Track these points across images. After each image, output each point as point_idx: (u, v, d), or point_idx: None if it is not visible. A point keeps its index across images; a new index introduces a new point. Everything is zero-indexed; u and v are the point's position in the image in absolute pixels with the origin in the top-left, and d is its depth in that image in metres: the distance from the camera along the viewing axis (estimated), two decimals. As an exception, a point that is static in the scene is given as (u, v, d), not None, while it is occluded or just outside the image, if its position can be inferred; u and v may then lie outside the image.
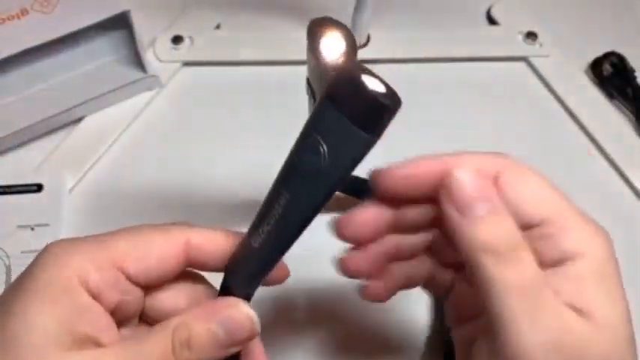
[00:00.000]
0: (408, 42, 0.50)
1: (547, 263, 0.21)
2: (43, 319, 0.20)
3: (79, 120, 0.45)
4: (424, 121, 0.46)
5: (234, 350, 0.22)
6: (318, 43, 0.24)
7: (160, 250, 0.22)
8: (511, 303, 0.20)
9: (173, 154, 0.45)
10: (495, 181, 0.22)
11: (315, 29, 0.25)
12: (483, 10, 0.53)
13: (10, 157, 0.44)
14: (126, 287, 0.22)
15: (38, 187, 0.41)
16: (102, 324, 0.21)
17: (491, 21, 0.52)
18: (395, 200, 0.24)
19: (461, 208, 0.21)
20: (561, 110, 0.48)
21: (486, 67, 0.49)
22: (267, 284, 0.24)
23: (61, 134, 0.45)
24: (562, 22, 0.52)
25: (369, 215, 0.24)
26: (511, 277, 0.20)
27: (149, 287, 0.23)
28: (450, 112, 0.47)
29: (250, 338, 0.22)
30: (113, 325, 0.22)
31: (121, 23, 0.42)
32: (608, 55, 0.49)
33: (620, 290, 0.22)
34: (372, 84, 0.20)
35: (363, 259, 0.25)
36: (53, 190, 0.41)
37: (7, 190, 0.41)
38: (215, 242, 0.23)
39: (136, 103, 0.46)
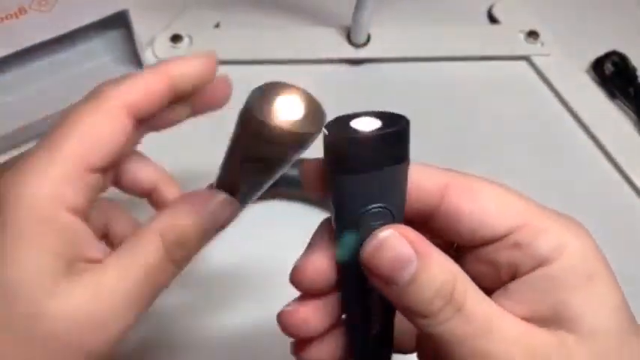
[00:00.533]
0: (408, 41, 0.49)
1: (522, 273, 0.20)
2: (32, 259, 0.19)
3: (78, 119, 0.45)
4: (424, 121, 0.46)
5: (222, 229, 0.23)
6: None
7: (109, 131, 0.21)
8: (466, 353, 0.19)
9: (172, 154, 0.44)
10: (444, 192, 0.20)
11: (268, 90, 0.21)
12: (484, 9, 0.53)
13: (10, 157, 0.44)
14: (93, 181, 0.21)
15: (36, 187, 0.41)
16: (89, 240, 0.21)
17: (493, 20, 0.52)
18: None
19: (385, 281, 0.19)
20: (563, 109, 0.48)
21: (487, 67, 0.49)
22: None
23: (59, 134, 0.45)
24: (563, 21, 0.52)
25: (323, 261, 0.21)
26: (456, 328, 0.19)
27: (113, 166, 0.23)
28: (451, 111, 0.47)
29: (232, 218, 0.23)
30: (96, 238, 0.22)
31: (119, 22, 0.42)
32: (609, 55, 0.48)
33: (609, 289, 0.20)
34: (362, 126, 0.18)
35: (313, 310, 0.22)
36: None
37: (5, 189, 0.40)
38: (152, 94, 0.23)
39: (134, 102, 0.46)
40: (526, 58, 0.50)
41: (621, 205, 0.44)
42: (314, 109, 0.19)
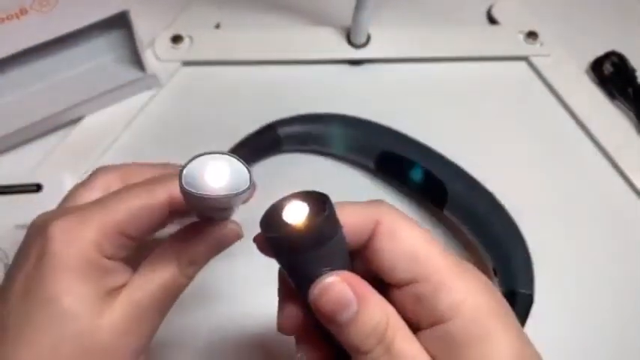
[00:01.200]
0: (408, 41, 0.49)
1: (425, 325, 0.22)
2: (87, 291, 0.24)
3: (79, 119, 0.45)
4: (424, 121, 0.46)
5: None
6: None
7: (151, 213, 0.26)
8: None
9: (173, 154, 0.44)
10: (376, 228, 0.22)
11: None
12: (484, 10, 0.53)
13: (9, 156, 0.44)
14: (127, 244, 0.26)
15: (37, 187, 0.41)
16: (122, 275, 0.26)
17: (492, 20, 0.52)
18: None
19: (327, 320, 0.21)
20: (562, 110, 0.48)
21: (487, 67, 0.49)
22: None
23: (60, 134, 0.45)
24: (563, 22, 0.52)
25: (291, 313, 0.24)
26: None
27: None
28: (450, 111, 0.47)
29: (237, 240, 0.27)
30: (127, 268, 0.26)
31: (120, 22, 0.42)
32: (609, 55, 0.49)
33: (502, 346, 0.21)
34: (293, 215, 0.21)
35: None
36: (52, 190, 0.41)
37: (6, 190, 0.41)
38: None
39: (135, 102, 0.46)
40: (525, 59, 0.50)
41: (621, 205, 0.44)
42: (239, 169, 0.21)
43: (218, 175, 0.20)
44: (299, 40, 0.49)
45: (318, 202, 0.20)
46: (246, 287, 0.39)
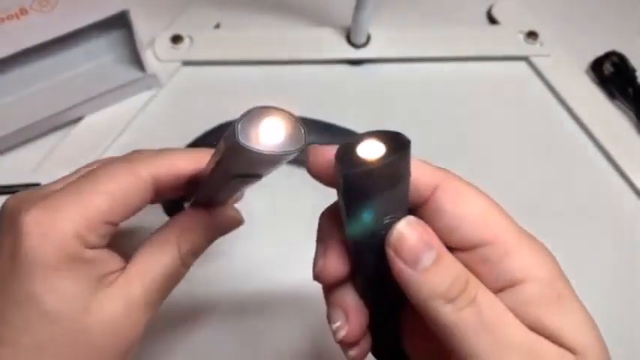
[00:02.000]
0: (408, 41, 0.49)
1: (492, 290, 0.21)
2: (70, 289, 0.23)
3: (79, 119, 0.45)
4: (424, 121, 0.46)
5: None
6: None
7: (135, 196, 0.24)
8: (477, 343, 0.20)
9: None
10: (434, 192, 0.21)
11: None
12: (484, 10, 0.53)
13: (9, 157, 0.44)
14: (110, 231, 0.24)
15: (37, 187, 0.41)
16: (107, 262, 0.24)
17: (492, 20, 0.52)
18: None
19: (408, 262, 0.20)
20: (562, 110, 0.48)
21: (487, 67, 0.49)
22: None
23: (60, 134, 0.45)
24: (563, 22, 0.52)
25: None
26: (469, 318, 0.20)
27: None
28: (450, 111, 0.47)
29: (237, 227, 0.28)
30: (112, 254, 0.25)
31: (120, 23, 0.42)
32: (609, 55, 0.49)
33: (584, 312, 0.21)
34: (369, 153, 0.19)
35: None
36: (52, 190, 0.41)
37: (6, 190, 0.41)
38: (177, 173, 0.25)
39: (135, 102, 0.46)
40: (525, 59, 0.50)
41: (620, 205, 0.44)
42: (295, 128, 0.20)
43: (274, 131, 0.19)
44: (299, 40, 0.49)
45: (394, 140, 0.19)
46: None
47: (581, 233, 0.42)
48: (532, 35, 0.50)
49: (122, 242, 0.26)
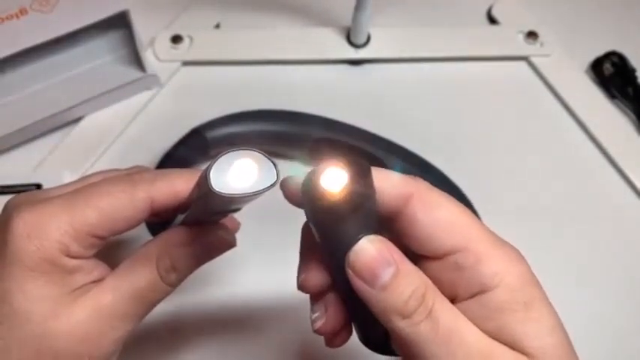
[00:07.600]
0: (408, 41, 0.49)
1: (464, 296, 0.22)
2: (40, 291, 0.23)
3: (79, 119, 0.45)
4: (424, 121, 0.46)
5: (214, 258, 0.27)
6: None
7: (127, 215, 0.25)
8: (433, 355, 0.20)
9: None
10: (407, 202, 0.22)
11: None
12: (484, 10, 0.53)
13: (9, 156, 0.44)
14: (96, 243, 0.25)
15: (37, 187, 0.41)
16: (90, 272, 0.24)
17: (492, 20, 0.52)
18: None
19: (366, 280, 0.21)
20: (562, 110, 0.48)
21: (487, 67, 0.49)
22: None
23: (60, 134, 0.45)
24: (563, 22, 0.52)
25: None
26: (425, 331, 0.20)
27: None
28: (450, 111, 0.47)
29: (225, 251, 0.27)
30: (99, 263, 0.25)
31: (120, 22, 0.42)
32: (609, 55, 0.49)
33: (545, 312, 0.21)
34: (332, 182, 0.20)
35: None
36: (52, 190, 0.41)
37: (6, 190, 0.41)
38: (175, 195, 0.25)
39: (135, 102, 0.46)
40: (525, 59, 0.50)
41: (620, 205, 0.44)
42: (265, 165, 0.20)
43: (245, 172, 0.20)
44: (299, 40, 0.49)
45: (354, 167, 0.20)
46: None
47: (581, 233, 0.42)
48: (532, 35, 0.50)
49: (121, 254, 0.26)
